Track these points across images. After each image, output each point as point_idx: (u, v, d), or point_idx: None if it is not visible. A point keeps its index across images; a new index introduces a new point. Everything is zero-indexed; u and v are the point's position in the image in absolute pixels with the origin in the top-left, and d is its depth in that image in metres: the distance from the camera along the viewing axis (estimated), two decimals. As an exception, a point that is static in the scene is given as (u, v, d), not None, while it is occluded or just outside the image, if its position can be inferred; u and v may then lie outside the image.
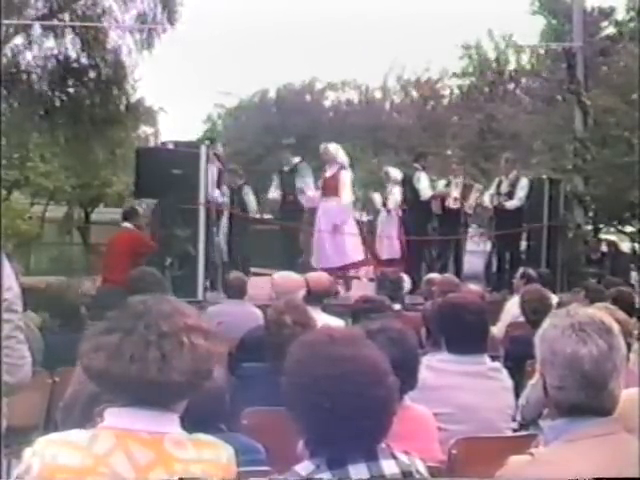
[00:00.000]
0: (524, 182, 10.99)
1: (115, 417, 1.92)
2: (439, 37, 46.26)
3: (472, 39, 25.99)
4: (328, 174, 10.21)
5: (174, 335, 1.91)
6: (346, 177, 10.12)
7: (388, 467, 1.93)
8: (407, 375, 3.03)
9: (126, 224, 8.91)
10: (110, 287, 7.73)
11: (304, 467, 1.90)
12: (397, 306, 6.51)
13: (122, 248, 8.52)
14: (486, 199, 11.19)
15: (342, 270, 10.06)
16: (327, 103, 31.92)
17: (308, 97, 31.57)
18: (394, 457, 1.96)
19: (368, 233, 12.08)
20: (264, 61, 50.09)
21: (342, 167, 10.18)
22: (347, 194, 10.08)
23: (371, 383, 1.89)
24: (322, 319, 5.12)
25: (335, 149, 10.33)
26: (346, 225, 10.06)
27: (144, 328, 1.90)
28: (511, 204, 10.86)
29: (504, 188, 10.98)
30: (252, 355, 4.27)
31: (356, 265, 10.35)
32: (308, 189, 10.40)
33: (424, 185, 10.91)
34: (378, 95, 30.67)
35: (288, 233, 10.74)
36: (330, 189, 10.07)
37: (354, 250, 10.14)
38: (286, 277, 5.87)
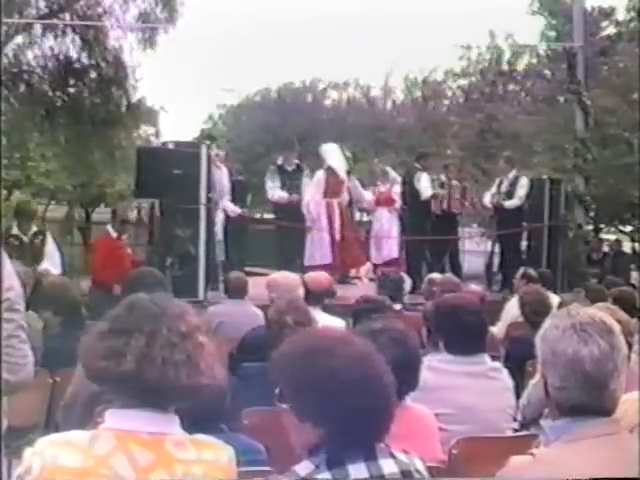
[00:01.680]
0: (524, 181, 11.00)
1: (115, 418, 1.91)
2: (439, 37, 46.25)
3: (472, 39, 26.02)
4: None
5: (192, 336, 1.92)
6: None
7: (387, 466, 1.93)
8: (409, 375, 3.03)
9: (107, 227, 9.30)
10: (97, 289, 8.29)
11: (303, 467, 1.90)
12: (397, 306, 6.51)
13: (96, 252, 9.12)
14: (487, 199, 11.19)
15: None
16: (328, 102, 31.92)
17: (309, 96, 31.58)
18: (393, 457, 1.96)
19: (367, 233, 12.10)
20: (265, 60, 50.10)
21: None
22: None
23: (366, 377, 1.90)
24: (323, 319, 5.12)
25: (322, 151, 10.92)
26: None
27: (167, 331, 1.89)
28: (510, 203, 10.85)
29: (504, 188, 10.98)
30: (252, 355, 4.27)
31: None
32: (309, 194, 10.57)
33: (424, 185, 10.88)
34: (379, 95, 30.67)
35: (290, 233, 10.70)
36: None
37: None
38: (282, 277, 5.86)
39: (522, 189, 10.90)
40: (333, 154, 10.73)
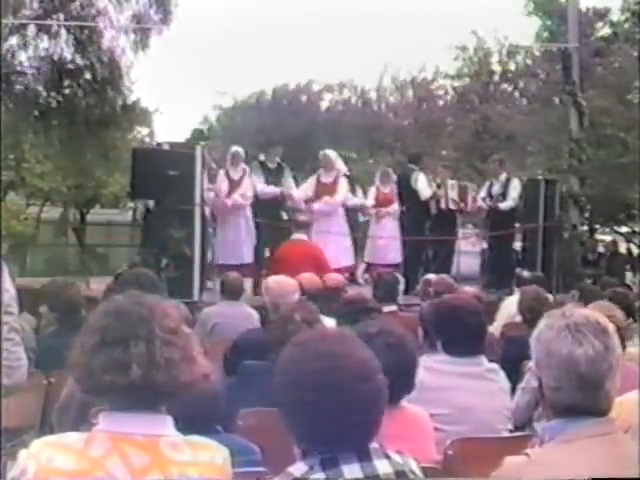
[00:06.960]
0: (515, 182, 11.07)
1: (110, 420, 1.91)
2: (434, 38, 46.28)
3: (467, 40, 26.02)
4: (325, 180, 10.60)
5: (180, 330, 1.93)
6: (344, 183, 10.66)
7: (382, 467, 1.93)
8: (405, 378, 3.02)
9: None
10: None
11: (298, 468, 1.90)
12: (392, 307, 6.50)
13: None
14: (477, 202, 11.22)
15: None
16: (323, 104, 31.90)
17: (304, 98, 31.55)
18: (387, 457, 1.96)
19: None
20: (260, 62, 50.04)
21: (339, 174, 10.69)
22: (341, 197, 10.57)
23: (358, 379, 1.88)
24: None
25: (334, 156, 10.75)
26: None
27: (161, 330, 1.89)
28: (505, 205, 10.89)
29: (496, 190, 11.02)
30: (245, 357, 4.26)
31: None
32: (293, 190, 10.55)
33: (423, 185, 10.88)
34: (374, 96, 30.66)
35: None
36: (327, 193, 10.51)
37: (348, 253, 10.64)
38: (280, 281, 5.87)
39: (514, 191, 10.96)
40: (340, 161, 10.83)
